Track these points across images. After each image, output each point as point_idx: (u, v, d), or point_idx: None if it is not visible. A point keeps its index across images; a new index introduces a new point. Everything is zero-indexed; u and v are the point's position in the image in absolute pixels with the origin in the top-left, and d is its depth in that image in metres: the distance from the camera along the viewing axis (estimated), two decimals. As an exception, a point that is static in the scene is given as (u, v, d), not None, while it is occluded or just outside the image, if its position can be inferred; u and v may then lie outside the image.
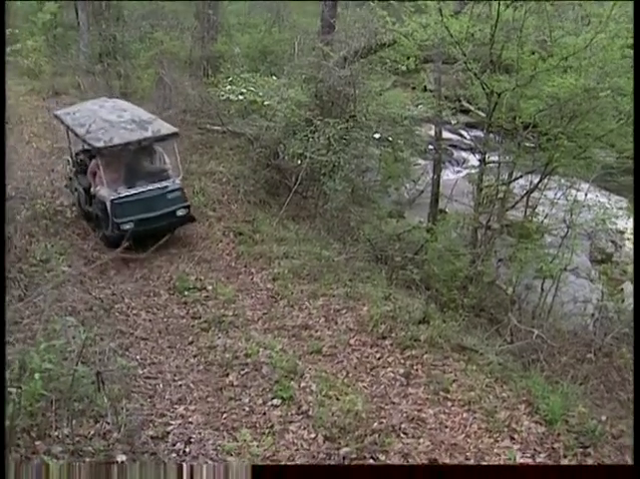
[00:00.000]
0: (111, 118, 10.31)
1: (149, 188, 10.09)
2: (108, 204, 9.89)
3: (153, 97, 15.30)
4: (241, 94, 12.40)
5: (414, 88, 17.39)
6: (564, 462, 5.24)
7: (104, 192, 9.99)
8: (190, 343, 7.47)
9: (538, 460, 5.25)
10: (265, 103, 12.25)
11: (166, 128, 10.38)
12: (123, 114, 10.55)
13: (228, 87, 12.78)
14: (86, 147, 10.58)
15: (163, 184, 10.21)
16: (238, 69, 13.84)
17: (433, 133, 14.43)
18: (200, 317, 8.07)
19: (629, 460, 5.25)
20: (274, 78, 13.32)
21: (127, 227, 9.62)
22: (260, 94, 12.34)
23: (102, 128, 9.93)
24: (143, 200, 9.99)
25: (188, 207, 10.43)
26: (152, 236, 8.76)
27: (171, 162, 10.58)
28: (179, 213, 10.25)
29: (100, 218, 10.22)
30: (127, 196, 9.95)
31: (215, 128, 14.24)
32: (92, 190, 10.39)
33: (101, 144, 9.64)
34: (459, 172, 17.23)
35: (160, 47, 16.95)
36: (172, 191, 10.23)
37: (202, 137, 14.13)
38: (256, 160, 12.45)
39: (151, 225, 9.85)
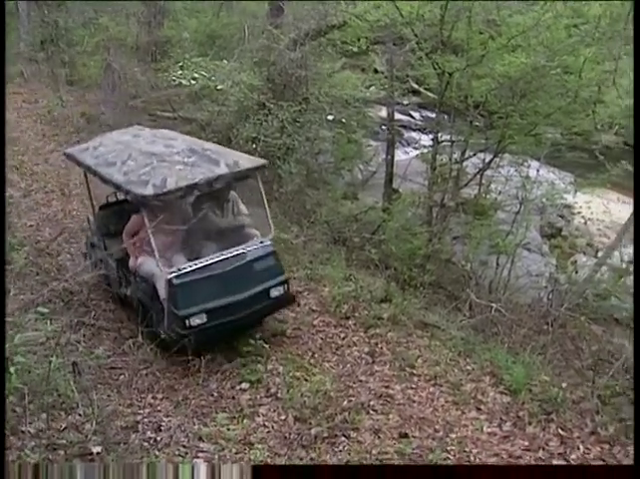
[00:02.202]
0: (156, 150, 6.98)
1: (224, 256, 6.73)
2: (161, 285, 6.60)
3: (100, 84, 14.99)
4: (193, 79, 12.27)
5: (363, 70, 17.49)
6: (529, 429, 5.42)
7: (151, 265, 6.75)
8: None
9: (505, 429, 5.41)
10: (218, 87, 12.15)
11: (247, 159, 7.22)
12: (172, 143, 7.22)
13: (179, 72, 12.64)
14: (120, 196, 7.85)
15: (246, 247, 6.90)
16: (188, 54, 13.68)
17: (384, 114, 14.55)
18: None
19: (588, 422, 5.47)
20: (225, 62, 13.20)
21: (196, 321, 6.42)
22: (212, 78, 12.23)
23: (146, 165, 6.64)
24: (217, 277, 6.59)
25: (286, 282, 7.11)
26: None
27: (252, 211, 7.68)
28: (274, 292, 6.93)
29: (145, 306, 6.92)
30: (192, 271, 6.54)
31: (166, 114, 14.09)
32: (131, 262, 7.14)
33: (149, 190, 6.23)
34: (410, 152, 17.38)
35: (105, 33, 16.58)
36: (261, 258, 6.92)
37: (154, 124, 13.92)
38: (209, 145, 12.34)
39: (231, 315, 6.56)
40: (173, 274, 6.46)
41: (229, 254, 6.75)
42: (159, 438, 5.38)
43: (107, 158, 7.14)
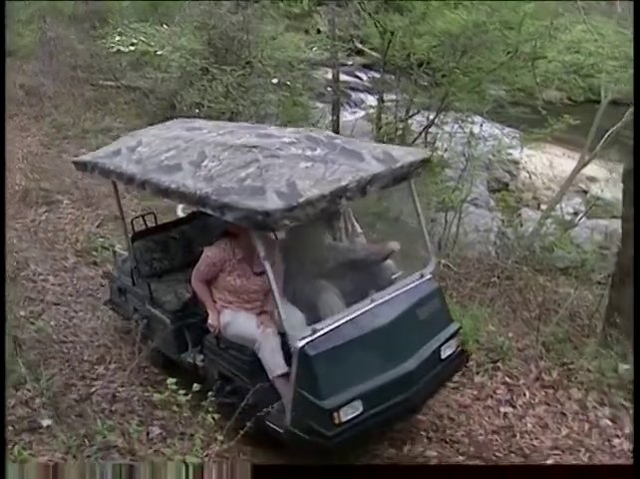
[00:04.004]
0: (248, 141, 4.71)
1: (371, 304, 4.53)
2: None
3: (37, 54, 14.53)
4: (132, 44, 11.97)
5: (307, 32, 17.29)
6: (477, 379, 5.58)
7: (246, 324, 4.77)
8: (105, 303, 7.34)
9: (454, 379, 5.54)
10: (157, 53, 11.88)
11: (401, 150, 4.93)
12: (265, 132, 5.08)
13: (117, 38, 12.30)
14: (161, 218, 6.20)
15: (402, 287, 4.76)
16: (127, 20, 13.33)
17: (329, 76, 14.49)
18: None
19: (533, 368, 5.65)
20: (165, 27, 12.91)
21: (349, 415, 4.19)
22: (152, 44, 11.96)
23: (246, 163, 4.39)
24: (369, 338, 4.40)
25: (459, 331, 5.04)
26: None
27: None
28: (447, 351, 4.82)
29: (238, 386, 4.81)
30: (329, 333, 4.29)
31: (108, 83, 13.78)
32: (210, 319, 4.92)
33: (273, 201, 3.94)
34: (356, 113, 17.36)
35: (39, 3, 15.99)
36: (425, 301, 4.79)
37: (96, 93, 13.65)
38: (153, 113, 12.17)
39: (396, 396, 4.37)
40: (306, 340, 4.18)
41: (379, 301, 4.56)
42: (113, 408, 5.38)
43: (160, 160, 4.92)
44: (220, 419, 4.49)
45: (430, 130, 11.40)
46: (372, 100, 16.07)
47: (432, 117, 11.38)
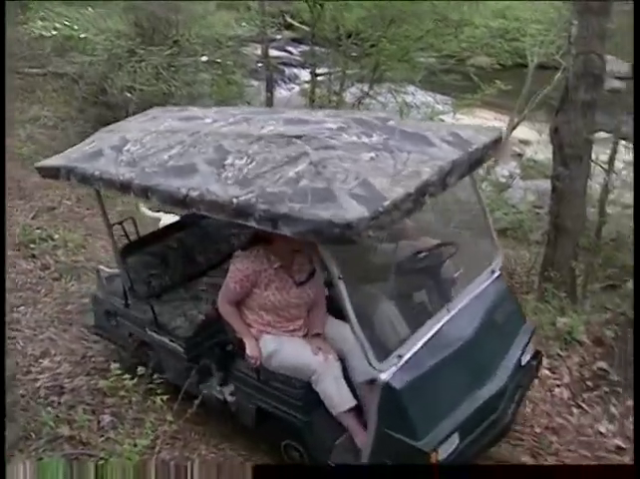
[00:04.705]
0: (278, 130, 3.85)
1: (449, 313, 3.86)
2: (385, 395, 3.48)
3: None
4: (55, 29, 11.61)
5: (238, 10, 17.07)
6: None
7: (295, 350, 3.99)
8: (46, 295, 7.24)
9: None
10: (81, 36, 11.57)
11: (469, 129, 4.02)
12: (295, 117, 4.12)
13: (40, 23, 11.93)
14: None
15: (476, 288, 4.10)
16: (50, 3, 12.92)
17: (260, 52, 14.37)
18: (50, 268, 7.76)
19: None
20: (90, 9, 12.57)
21: (447, 450, 3.49)
22: (75, 27, 11.63)
23: (289, 159, 3.49)
24: (456, 356, 3.75)
25: (534, 332, 4.46)
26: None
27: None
28: (526, 357, 4.21)
29: (288, 426, 4.06)
30: (415, 354, 3.58)
31: (35, 70, 13.36)
32: (249, 349, 4.07)
33: (354, 210, 2.99)
34: (294, 88, 17.30)
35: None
36: (500, 303, 4.21)
37: (22, 82, 13.22)
38: (82, 99, 11.88)
39: (488, 417, 3.77)
40: (391, 371, 3.45)
41: (455, 310, 3.89)
42: (62, 401, 5.31)
43: (163, 160, 3.97)
44: (169, 401, 4.41)
45: (363, 101, 11.45)
46: (306, 75, 16.04)
47: (366, 89, 11.45)
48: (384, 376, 3.45)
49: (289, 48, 17.98)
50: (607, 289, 7.27)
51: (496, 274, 4.29)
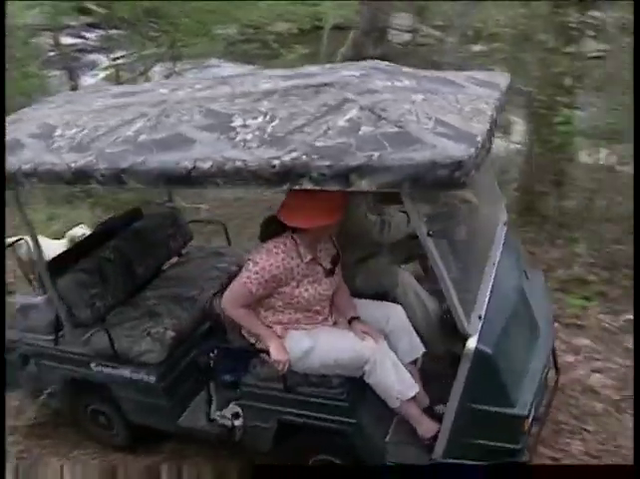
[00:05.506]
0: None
1: (494, 265, 3.57)
2: (477, 363, 3.03)
3: None
4: None
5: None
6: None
7: (346, 341, 3.39)
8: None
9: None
10: None
11: (490, 75, 3.71)
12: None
13: None
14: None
15: (500, 241, 3.83)
16: None
17: (64, 41, 13.79)
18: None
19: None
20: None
21: (532, 416, 3.20)
22: None
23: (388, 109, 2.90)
24: (514, 312, 3.43)
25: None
26: None
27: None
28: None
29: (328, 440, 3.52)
30: (492, 314, 3.19)
31: None
32: (275, 353, 3.36)
33: (463, 146, 2.53)
34: (95, 75, 16.77)
35: None
36: (517, 253, 4.06)
37: None
38: None
39: (544, 373, 3.49)
40: (477, 335, 3.04)
41: (496, 261, 3.59)
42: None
43: (128, 138, 3.28)
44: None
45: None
46: (105, 60, 15.59)
47: (172, 66, 11.37)
48: (472, 343, 3.00)
49: (84, 33, 17.31)
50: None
51: (505, 224, 4.07)
